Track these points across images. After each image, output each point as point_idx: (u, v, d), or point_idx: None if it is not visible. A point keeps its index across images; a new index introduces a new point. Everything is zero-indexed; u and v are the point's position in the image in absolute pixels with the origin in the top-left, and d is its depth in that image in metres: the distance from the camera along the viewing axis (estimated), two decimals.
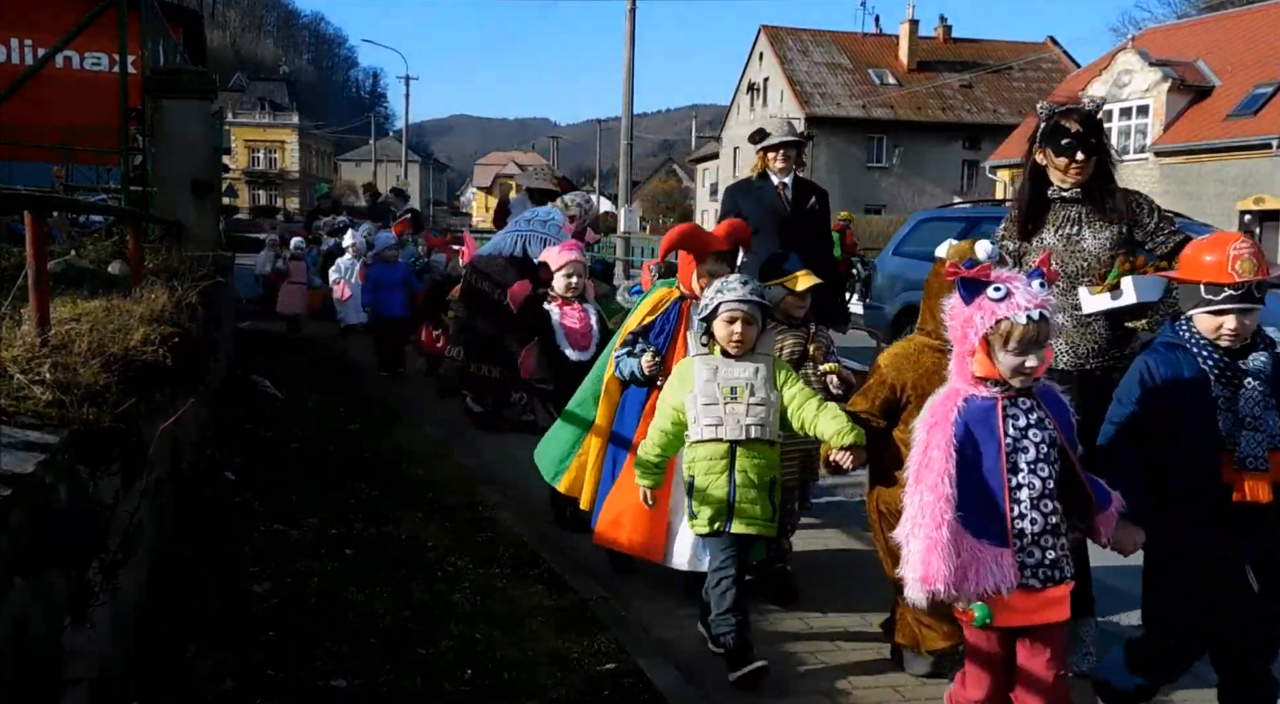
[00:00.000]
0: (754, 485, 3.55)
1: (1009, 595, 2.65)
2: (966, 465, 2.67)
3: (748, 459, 3.55)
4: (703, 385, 3.57)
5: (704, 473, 3.57)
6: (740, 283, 3.61)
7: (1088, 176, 3.78)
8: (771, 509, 3.60)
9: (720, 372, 3.57)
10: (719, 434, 3.54)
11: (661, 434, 3.72)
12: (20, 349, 2.91)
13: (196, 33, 20.61)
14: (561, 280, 5.56)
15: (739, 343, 3.56)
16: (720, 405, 3.54)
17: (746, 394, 3.54)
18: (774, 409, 3.56)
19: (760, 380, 3.57)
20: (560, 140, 77.22)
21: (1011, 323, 2.63)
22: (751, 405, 3.53)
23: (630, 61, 25.83)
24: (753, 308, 3.58)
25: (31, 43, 14.75)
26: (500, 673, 3.47)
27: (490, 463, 6.79)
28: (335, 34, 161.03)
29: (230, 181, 58.92)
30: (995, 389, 2.72)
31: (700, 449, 3.59)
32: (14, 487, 2.08)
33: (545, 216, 7.76)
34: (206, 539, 4.36)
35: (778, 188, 5.69)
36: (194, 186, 7.88)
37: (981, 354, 2.69)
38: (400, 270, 10.53)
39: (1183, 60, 28.58)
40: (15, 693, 2.07)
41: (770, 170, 5.69)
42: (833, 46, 46.63)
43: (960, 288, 2.71)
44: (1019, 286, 2.67)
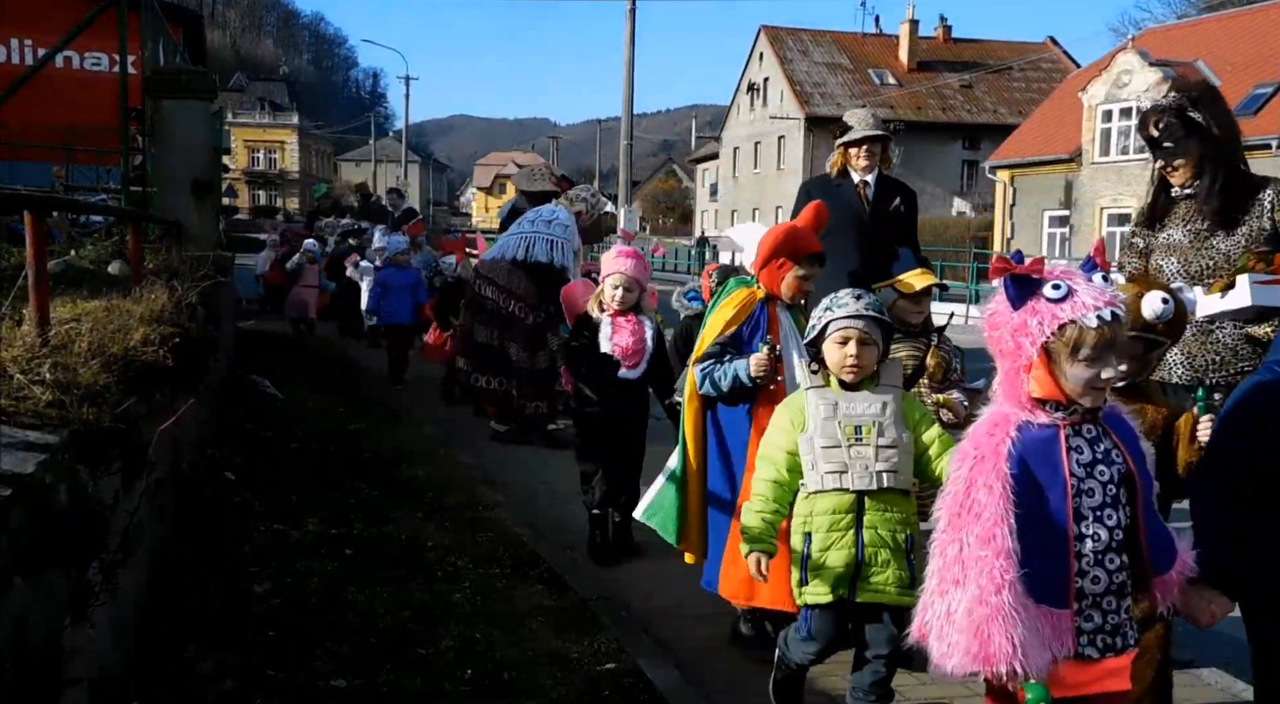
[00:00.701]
0: (886, 545, 2.97)
1: (1060, 665, 2.24)
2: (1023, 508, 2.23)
3: (879, 513, 2.96)
4: (821, 424, 2.99)
5: (825, 530, 2.98)
6: (852, 296, 3.06)
7: (1193, 173, 3.57)
8: (909, 573, 2.97)
9: (841, 407, 3.00)
10: (843, 483, 2.95)
11: (772, 486, 3.07)
12: (20, 349, 2.91)
13: (196, 33, 20.63)
14: (609, 289, 4.90)
15: (855, 368, 3.00)
16: (843, 448, 2.96)
17: (874, 434, 2.97)
18: (907, 452, 2.98)
19: (890, 418, 2.99)
20: (560, 140, 77.27)
21: (1080, 327, 2.19)
22: (881, 447, 2.95)
23: (630, 61, 25.84)
24: (869, 326, 3.01)
25: (31, 43, 14.77)
26: (500, 673, 3.47)
27: (490, 463, 6.79)
28: (335, 34, 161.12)
29: (230, 181, 58.96)
30: (1057, 413, 2.28)
31: (820, 502, 2.99)
32: (14, 487, 2.08)
33: (549, 216, 7.36)
34: (206, 539, 4.36)
35: (858, 186, 5.10)
36: (194, 186, 7.88)
37: (1041, 369, 2.25)
38: (410, 276, 10.16)
39: (1183, 60, 28.55)
40: (15, 693, 2.07)
41: (851, 167, 5.11)
42: (833, 46, 46.65)
43: (1008, 287, 2.27)
44: (1081, 282, 2.27)
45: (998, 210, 33.67)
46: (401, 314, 9.98)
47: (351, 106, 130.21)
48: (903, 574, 2.97)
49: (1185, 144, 3.58)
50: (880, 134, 5.07)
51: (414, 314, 9.98)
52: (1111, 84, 28.90)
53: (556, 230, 7.21)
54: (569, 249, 7.26)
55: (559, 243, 7.18)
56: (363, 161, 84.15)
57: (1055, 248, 30.44)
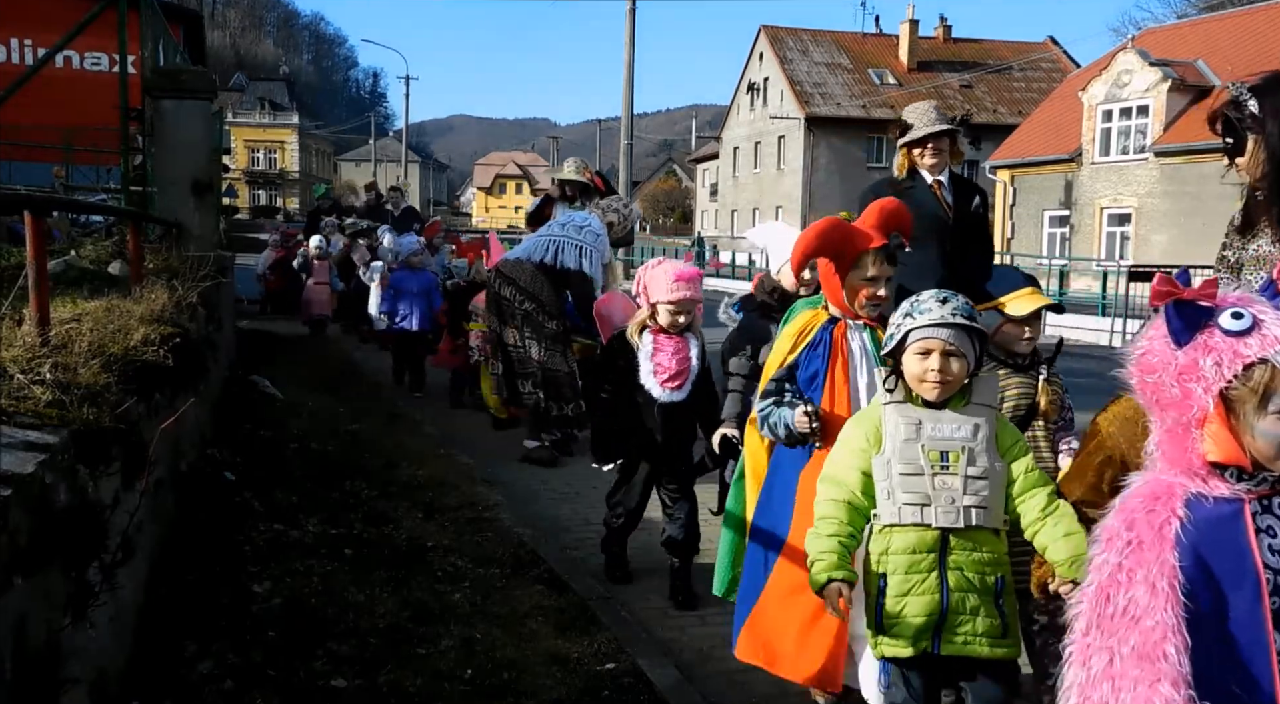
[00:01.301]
0: (974, 589, 2.55)
1: None
2: (1199, 616, 1.74)
3: (966, 553, 2.55)
4: (901, 446, 2.57)
5: (903, 572, 2.56)
6: (936, 300, 2.62)
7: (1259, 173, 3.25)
8: (1000, 621, 2.57)
9: (925, 428, 2.58)
10: (925, 518, 2.54)
11: (844, 507, 2.61)
12: (20, 349, 2.91)
13: (196, 33, 20.68)
14: (666, 316, 4.34)
15: (940, 385, 2.57)
16: (926, 476, 2.54)
17: (963, 462, 2.54)
18: (999, 484, 2.57)
19: (981, 443, 2.57)
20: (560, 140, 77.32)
21: (1273, 367, 1.73)
22: (970, 478, 2.53)
23: (630, 61, 25.83)
24: (957, 336, 2.57)
25: (31, 43, 14.82)
26: (500, 673, 3.47)
27: (490, 463, 6.79)
28: (335, 34, 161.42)
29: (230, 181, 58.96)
30: (1240, 484, 1.80)
31: (897, 538, 2.57)
32: (14, 487, 2.08)
33: (582, 223, 6.94)
34: (206, 539, 4.36)
35: (932, 187, 4.57)
36: (194, 186, 7.88)
37: (1218, 424, 1.77)
38: (425, 279, 9.60)
39: (1183, 60, 28.57)
40: (15, 692, 2.07)
41: (920, 167, 4.59)
42: (833, 46, 46.66)
43: (1171, 317, 1.81)
44: (1269, 311, 1.78)
45: (998, 210, 33.66)
46: (412, 319, 9.46)
47: (351, 106, 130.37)
48: (994, 622, 2.57)
49: (1242, 140, 3.27)
50: (946, 129, 4.52)
51: (427, 320, 9.51)
52: (1111, 84, 28.91)
53: (588, 238, 6.82)
54: (598, 259, 6.93)
55: (588, 250, 6.81)
56: (363, 161, 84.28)
57: (1055, 247, 30.45)
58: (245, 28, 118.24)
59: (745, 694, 3.55)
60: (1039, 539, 2.49)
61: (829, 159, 43.37)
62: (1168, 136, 27.49)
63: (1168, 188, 27.50)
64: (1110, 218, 29.43)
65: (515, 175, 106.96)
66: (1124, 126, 28.73)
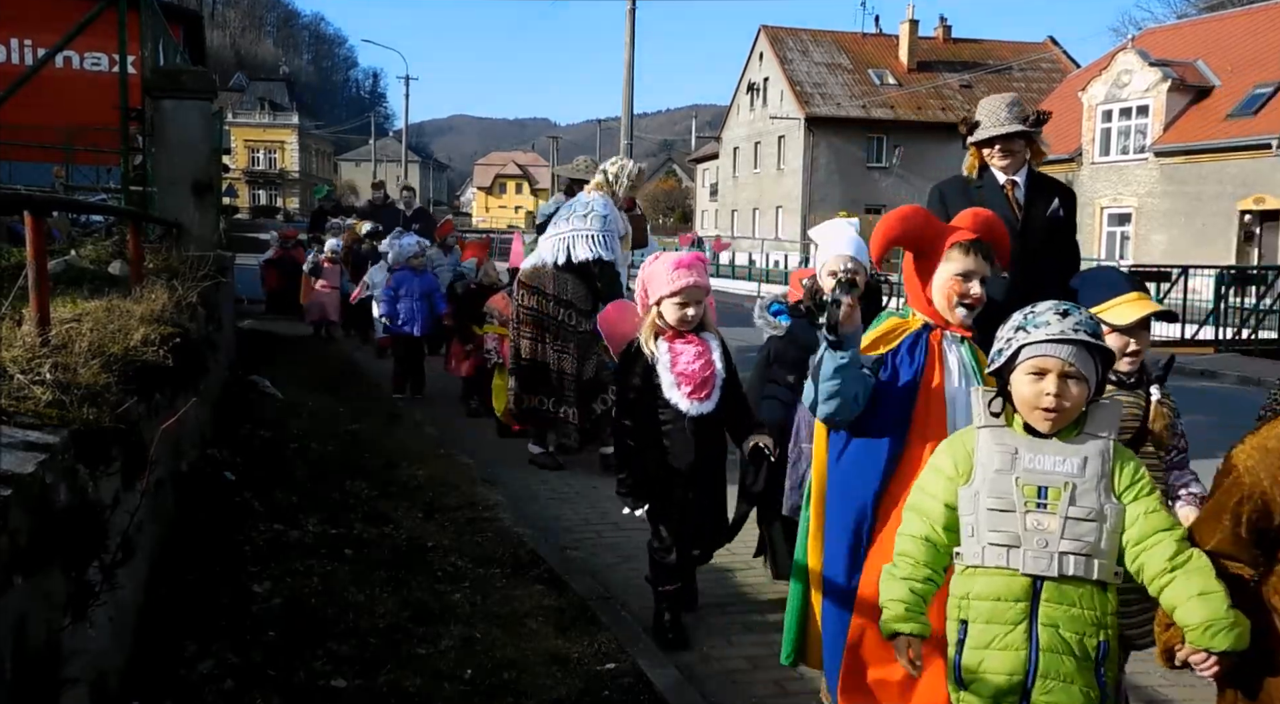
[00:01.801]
0: (1069, 651, 2.19)
1: None
2: None
3: (1062, 608, 2.19)
4: (991, 478, 2.24)
5: (985, 621, 2.24)
6: (1055, 312, 2.24)
7: None
8: (1100, 695, 2.22)
9: (1022, 458, 2.23)
10: (1012, 562, 2.20)
11: (922, 547, 2.32)
12: (20, 349, 2.91)
13: (196, 33, 20.70)
14: (673, 311, 3.84)
15: (1053, 413, 2.20)
16: (1018, 514, 2.20)
17: (1064, 500, 2.18)
18: (1111, 530, 2.19)
19: (1090, 479, 2.20)
20: (560, 140, 77.28)
21: None
22: (1072, 520, 2.18)
23: (630, 61, 25.82)
24: (1078, 354, 2.20)
25: (31, 43, 14.84)
26: (500, 673, 3.47)
27: (490, 463, 6.79)
28: (335, 34, 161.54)
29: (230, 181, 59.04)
30: None
31: (980, 581, 2.25)
32: (14, 487, 2.08)
33: (584, 210, 6.44)
34: (206, 539, 4.36)
35: (1004, 187, 4.21)
36: (194, 186, 7.88)
37: None
38: (426, 282, 9.23)
39: (1183, 60, 28.58)
40: (15, 692, 2.07)
41: (991, 166, 4.27)
42: (833, 46, 46.66)
43: None
44: None
45: None
46: (412, 323, 9.12)
47: (351, 106, 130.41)
48: (1091, 695, 2.20)
49: None
50: (1017, 131, 4.12)
51: (429, 324, 9.21)
52: (1111, 84, 28.91)
53: (594, 224, 6.37)
54: (612, 240, 6.43)
55: (595, 235, 6.35)
56: (363, 161, 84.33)
57: None
58: (245, 28, 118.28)
59: (745, 694, 3.56)
60: (1166, 597, 2.12)
61: (829, 159, 43.38)
62: (1168, 136, 27.51)
63: (1168, 188, 27.51)
64: (1110, 217, 29.44)
65: (515, 175, 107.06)
66: (1124, 126, 28.74)
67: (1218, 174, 26.24)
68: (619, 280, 6.51)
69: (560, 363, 6.54)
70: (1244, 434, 2.13)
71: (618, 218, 6.51)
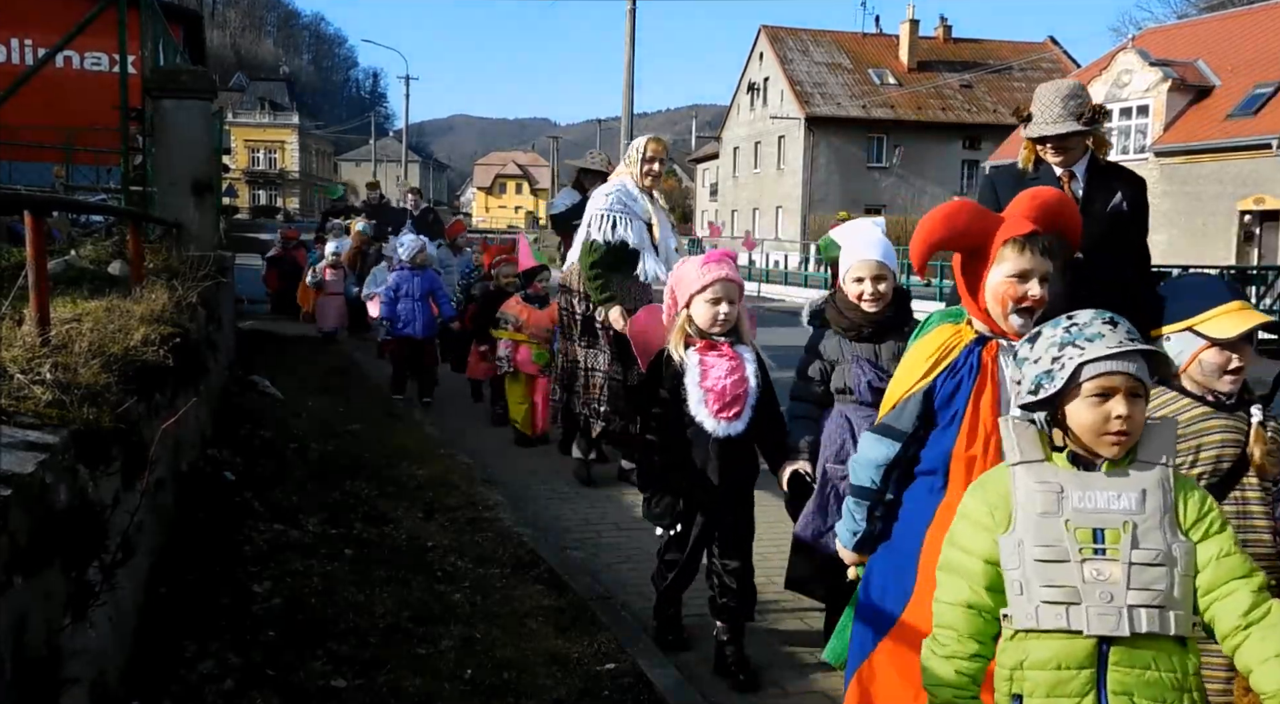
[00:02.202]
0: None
1: None
2: None
3: (1134, 673, 1.84)
4: (1036, 523, 1.91)
5: (1044, 694, 1.88)
6: (1104, 321, 1.94)
7: None
8: None
9: (1069, 497, 1.90)
10: (1073, 622, 1.85)
11: (965, 616, 1.97)
12: (20, 349, 2.91)
13: (196, 33, 20.70)
14: (705, 310, 3.46)
15: (1123, 437, 1.89)
16: (1074, 564, 1.86)
17: (1125, 543, 1.85)
18: (1183, 573, 1.85)
19: (1153, 515, 1.88)
20: (560, 140, 77.20)
21: None
22: (1138, 566, 1.84)
23: (630, 61, 25.82)
24: (1141, 368, 1.91)
25: (31, 43, 14.85)
26: (500, 673, 3.46)
27: (490, 463, 6.79)
28: (335, 34, 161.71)
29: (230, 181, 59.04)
30: None
31: (1035, 649, 1.89)
32: (14, 487, 2.08)
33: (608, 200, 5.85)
34: (206, 539, 4.36)
35: (1062, 179, 3.81)
36: (194, 186, 7.89)
37: None
38: (427, 280, 8.83)
39: (1183, 60, 28.59)
40: (14, 692, 2.07)
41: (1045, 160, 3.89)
42: (833, 46, 46.68)
43: None
44: None
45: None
46: (415, 324, 8.72)
47: (351, 106, 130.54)
48: None
49: None
50: (1072, 131, 3.71)
51: (431, 325, 8.83)
52: (1111, 84, 28.91)
53: (614, 205, 5.78)
54: (634, 223, 5.85)
55: (608, 216, 5.77)
56: (363, 161, 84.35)
57: None
58: (245, 28, 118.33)
59: (745, 694, 3.55)
60: (1242, 656, 1.82)
61: (829, 159, 43.39)
62: (1168, 136, 27.51)
63: (1167, 188, 27.51)
64: None
65: (515, 175, 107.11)
66: (1124, 126, 28.74)
67: (1218, 174, 26.25)
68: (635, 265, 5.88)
69: (591, 361, 6.07)
70: None
71: (635, 198, 5.86)
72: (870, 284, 3.43)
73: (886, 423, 2.61)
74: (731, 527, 3.65)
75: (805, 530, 3.54)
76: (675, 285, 3.63)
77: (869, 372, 3.41)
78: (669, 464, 3.59)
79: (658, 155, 5.86)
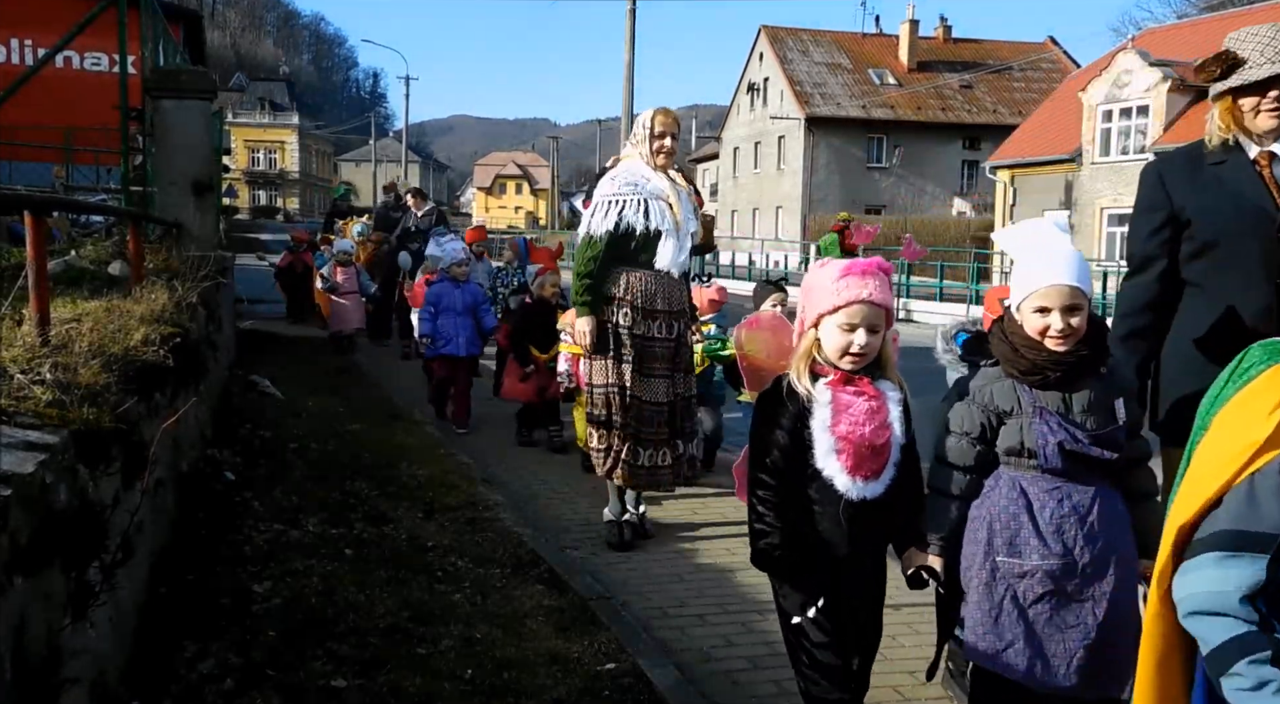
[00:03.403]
0: None
1: None
2: None
3: None
4: None
5: None
6: None
7: None
8: None
9: None
10: None
11: None
12: (20, 349, 2.92)
13: (196, 33, 20.72)
14: (836, 336, 2.64)
15: None
16: None
17: None
18: None
19: None
20: (560, 140, 77.29)
21: None
22: None
23: (630, 61, 25.83)
24: None
25: (31, 43, 14.86)
26: (500, 673, 3.47)
27: (490, 463, 6.79)
28: (335, 34, 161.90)
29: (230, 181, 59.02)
30: None
31: None
32: (14, 487, 2.08)
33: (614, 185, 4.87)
34: (206, 539, 4.36)
35: (1256, 161, 2.91)
36: (194, 186, 7.89)
37: None
38: (470, 294, 7.92)
39: (1183, 60, 28.57)
40: (14, 693, 2.07)
41: (1248, 130, 2.92)
42: (833, 46, 46.69)
43: None
44: None
45: (998, 210, 33.70)
46: (458, 341, 7.81)
47: (351, 106, 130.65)
48: None
49: None
50: None
51: (475, 342, 7.93)
52: (1111, 84, 28.92)
53: (621, 188, 4.82)
54: (653, 202, 4.81)
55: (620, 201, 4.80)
56: (363, 161, 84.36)
57: None
58: (245, 28, 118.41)
59: (745, 694, 3.55)
60: None
61: (829, 159, 43.39)
62: (1168, 136, 27.50)
63: None
64: (1110, 218, 29.45)
65: (515, 175, 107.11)
66: (1124, 127, 28.75)
67: None
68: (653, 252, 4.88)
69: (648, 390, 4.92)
70: None
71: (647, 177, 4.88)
72: (1060, 317, 2.48)
73: (1231, 528, 1.75)
74: (857, 616, 2.78)
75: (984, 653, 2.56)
76: (804, 296, 2.76)
77: (1058, 430, 2.47)
78: (787, 520, 2.68)
79: (668, 129, 4.94)
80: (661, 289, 4.92)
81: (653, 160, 4.97)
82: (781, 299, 6.03)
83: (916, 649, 3.87)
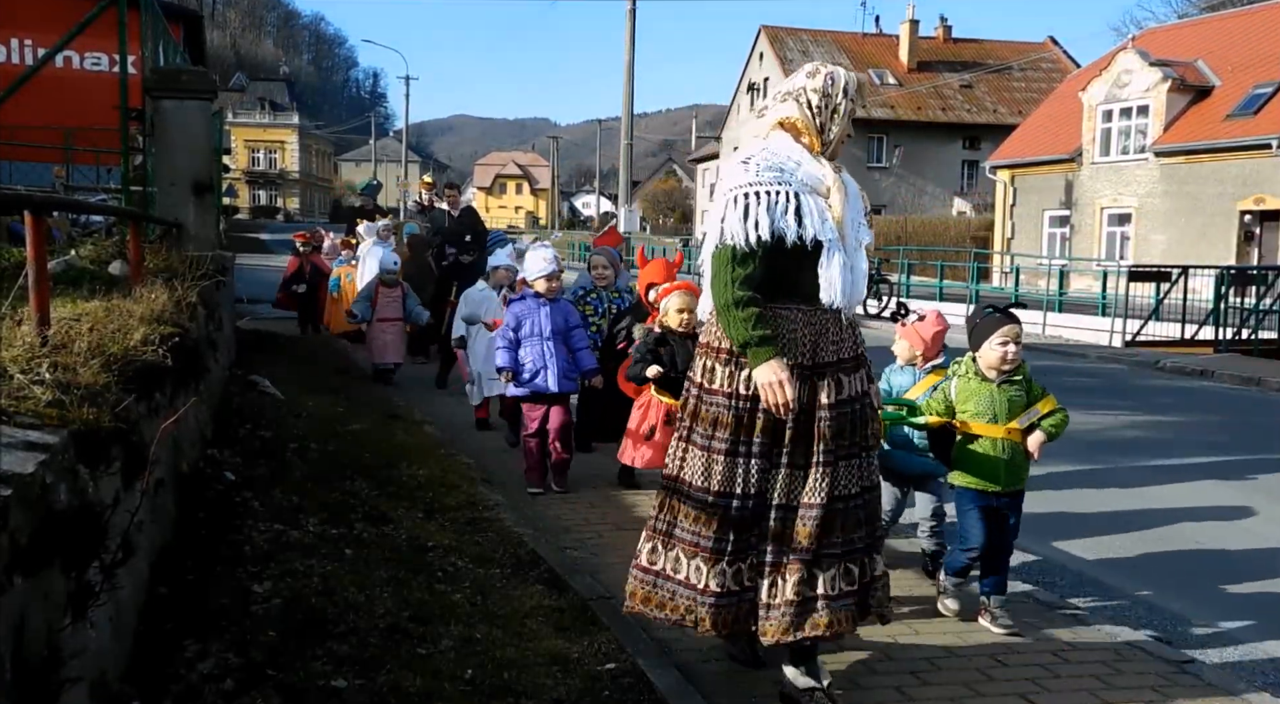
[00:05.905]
0: None
1: None
2: None
3: None
4: None
5: None
6: None
7: None
8: None
9: None
10: None
11: None
12: (20, 349, 2.91)
13: (196, 33, 20.72)
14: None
15: None
16: None
17: None
18: None
19: None
20: (560, 140, 77.26)
21: None
22: None
23: (630, 61, 25.83)
24: None
25: (31, 43, 14.87)
26: (500, 673, 3.46)
27: (490, 463, 6.79)
28: (335, 34, 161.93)
29: (230, 181, 59.06)
30: None
31: None
32: (14, 487, 2.08)
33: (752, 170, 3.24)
34: (206, 539, 4.35)
35: None
36: (194, 186, 7.89)
37: None
38: (561, 313, 6.13)
39: (1183, 60, 28.59)
40: (14, 692, 2.07)
41: None
42: (833, 47, 46.69)
43: None
44: None
45: (998, 210, 33.70)
46: (547, 373, 5.99)
47: (351, 106, 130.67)
48: None
49: None
50: None
51: (569, 375, 6.10)
52: (1111, 84, 28.91)
53: (764, 177, 3.26)
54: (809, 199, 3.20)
55: (767, 196, 3.18)
56: (363, 161, 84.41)
57: (1056, 248, 30.45)
58: (245, 28, 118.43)
59: (745, 694, 3.55)
60: None
61: None
62: (1168, 136, 27.51)
63: (1168, 188, 27.51)
64: (1110, 218, 29.44)
65: (515, 175, 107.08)
66: (1124, 126, 28.75)
67: (1218, 174, 26.24)
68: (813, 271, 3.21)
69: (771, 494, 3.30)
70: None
71: (798, 161, 3.28)
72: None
73: None
74: None
75: None
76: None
77: None
78: None
79: (858, 105, 3.62)
80: (826, 333, 3.25)
81: (818, 140, 3.33)
82: (1016, 334, 3.86)
83: (917, 649, 3.87)
